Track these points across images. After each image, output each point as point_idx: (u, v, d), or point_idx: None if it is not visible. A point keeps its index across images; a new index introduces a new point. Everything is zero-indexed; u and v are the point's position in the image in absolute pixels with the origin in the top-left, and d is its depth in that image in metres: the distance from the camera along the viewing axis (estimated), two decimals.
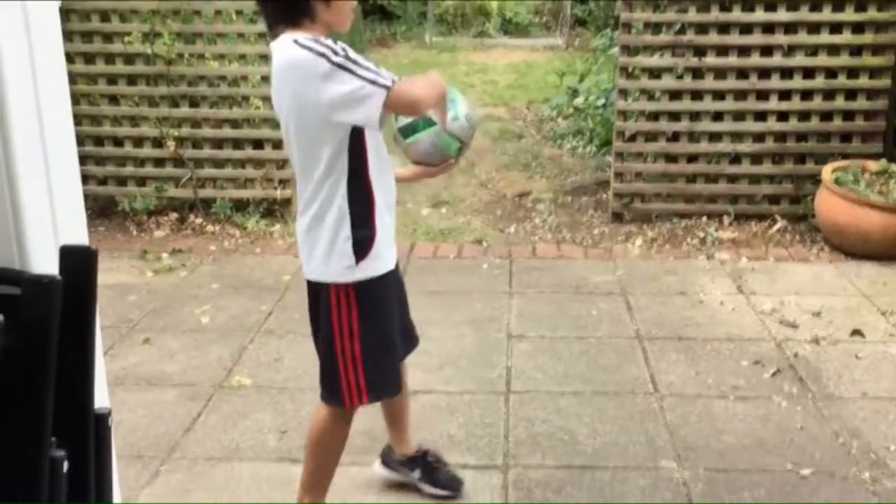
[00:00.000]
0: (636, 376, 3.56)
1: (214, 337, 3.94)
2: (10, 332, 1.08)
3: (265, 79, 5.46)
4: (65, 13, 5.25)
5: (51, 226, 1.26)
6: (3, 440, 1.10)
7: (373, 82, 2.08)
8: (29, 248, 1.20)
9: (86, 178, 5.55)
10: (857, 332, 3.90)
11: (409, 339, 2.60)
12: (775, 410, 3.29)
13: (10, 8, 1.18)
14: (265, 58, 5.46)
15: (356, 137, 2.20)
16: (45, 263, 1.21)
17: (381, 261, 2.31)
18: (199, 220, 5.46)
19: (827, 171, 4.94)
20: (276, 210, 5.56)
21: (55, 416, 1.13)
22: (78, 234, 1.30)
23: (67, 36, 5.35)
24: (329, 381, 2.39)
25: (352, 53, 2.11)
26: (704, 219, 5.40)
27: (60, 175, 1.30)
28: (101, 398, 1.38)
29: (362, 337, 2.31)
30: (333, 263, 2.27)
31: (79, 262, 1.16)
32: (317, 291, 2.36)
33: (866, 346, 3.80)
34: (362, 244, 2.26)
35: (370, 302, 2.31)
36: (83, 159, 5.51)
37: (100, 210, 5.64)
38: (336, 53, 2.09)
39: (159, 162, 5.51)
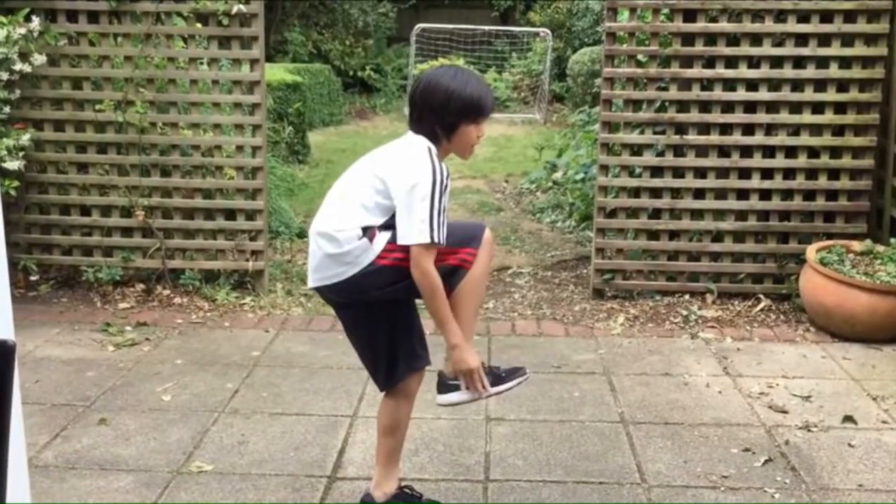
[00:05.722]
0: (622, 465, 3.37)
1: (175, 417, 3.71)
2: None
3: (240, 148, 5.35)
4: (35, 79, 5.13)
5: None
6: None
7: (431, 223, 2.58)
8: None
9: (50, 248, 5.36)
10: (849, 419, 3.75)
11: None
12: None
13: None
14: (240, 127, 5.36)
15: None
16: None
17: None
18: (166, 292, 5.26)
19: (811, 251, 4.85)
20: (248, 282, 5.37)
21: None
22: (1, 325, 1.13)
23: (37, 103, 5.22)
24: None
25: (444, 194, 2.66)
26: (687, 296, 5.28)
27: None
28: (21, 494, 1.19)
29: None
30: None
31: None
32: None
33: (859, 433, 3.64)
34: None
35: None
36: (48, 228, 5.33)
37: (63, 280, 5.43)
38: (441, 182, 2.63)
39: (127, 231, 5.33)
